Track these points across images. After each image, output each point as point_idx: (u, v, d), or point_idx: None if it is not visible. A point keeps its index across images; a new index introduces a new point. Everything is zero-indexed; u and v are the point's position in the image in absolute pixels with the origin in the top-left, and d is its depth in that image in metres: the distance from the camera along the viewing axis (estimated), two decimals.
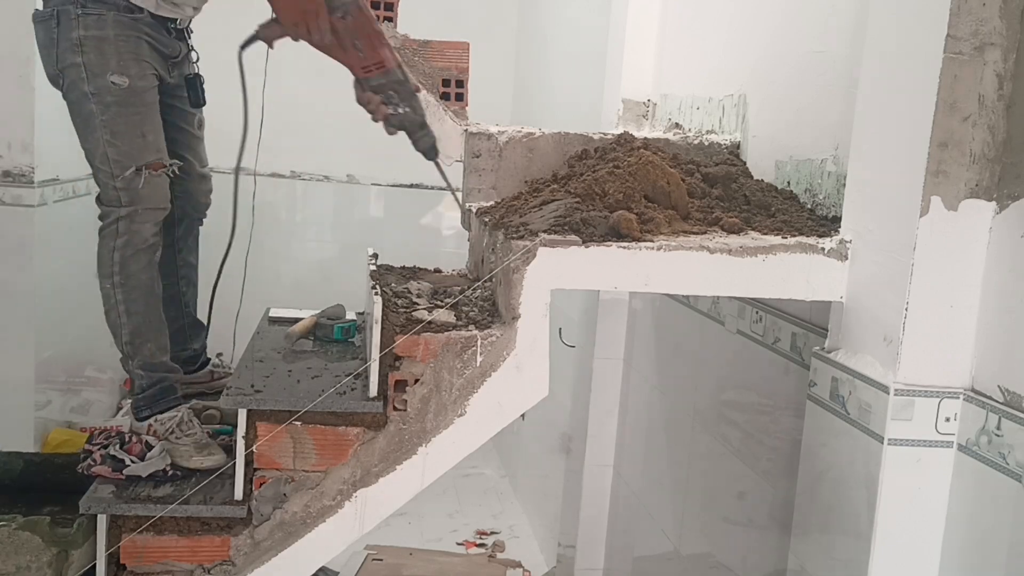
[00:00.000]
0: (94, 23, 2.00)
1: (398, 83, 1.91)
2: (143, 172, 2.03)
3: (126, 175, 2.02)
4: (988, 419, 1.60)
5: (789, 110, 2.31)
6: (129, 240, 2.05)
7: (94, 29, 2.00)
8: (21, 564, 1.90)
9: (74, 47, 2.00)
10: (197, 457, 2.02)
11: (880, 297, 1.74)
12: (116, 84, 2.01)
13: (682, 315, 2.87)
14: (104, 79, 2.01)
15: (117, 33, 2.01)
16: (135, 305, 2.08)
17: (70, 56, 2.01)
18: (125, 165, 2.03)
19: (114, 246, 2.06)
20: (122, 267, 2.06)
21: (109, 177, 2.04)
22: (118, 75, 2.01)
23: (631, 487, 3.28)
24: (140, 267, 2.07)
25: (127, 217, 2.05)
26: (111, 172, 2.03)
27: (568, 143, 2.40)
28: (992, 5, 1.61)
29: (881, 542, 1.67)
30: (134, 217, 2.05)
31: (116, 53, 2.01)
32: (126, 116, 2.03)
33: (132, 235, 2.05)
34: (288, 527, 1.91)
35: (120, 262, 2.06)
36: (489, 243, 2.09)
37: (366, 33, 1.88)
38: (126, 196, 2.04)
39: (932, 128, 1.63)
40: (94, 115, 2.02)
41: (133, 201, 2.04)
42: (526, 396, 1.89)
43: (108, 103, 2.02)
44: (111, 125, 2.02)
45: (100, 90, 2.01)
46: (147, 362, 2.10)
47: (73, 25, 2.00)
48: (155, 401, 2.10)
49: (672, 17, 3.16)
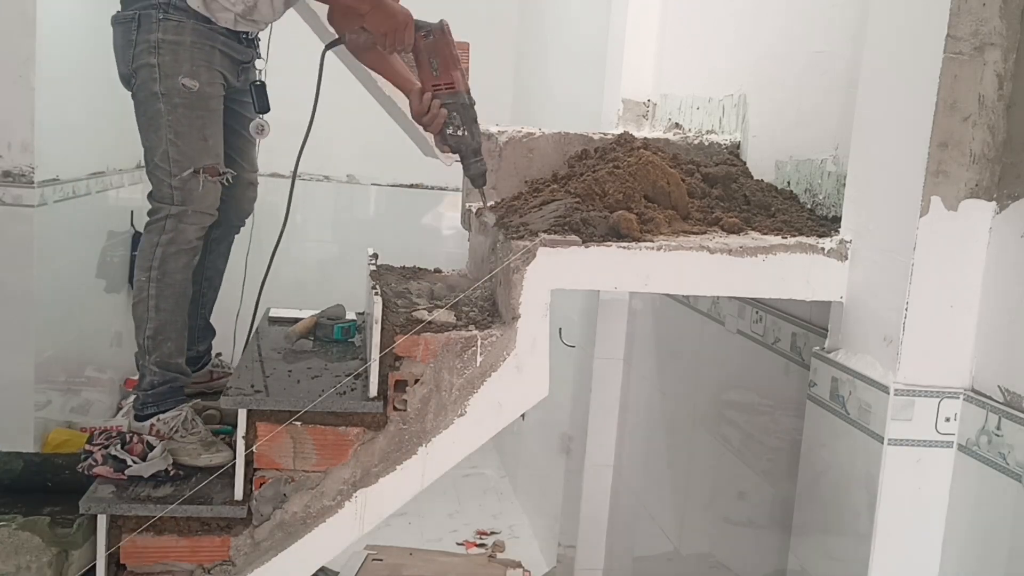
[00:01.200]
0: (173, 28, 2.08)
1: (463, 107, 2.02)
2: (200, 175, 2.11)
3: (183, 175, 2.10)
4: (988, 419, 1.60)
5: (789, 110, 2.31)
6: (173, 239, 2.12)
7: (172, 34, 2.08)
8: (21, 564, 1.90)
9: (151, 49, 2.08)
10: (205, 455, 2.03)
11: (880, 297, 1.74)
12: (186, 87, 2.09)
13: (682, 315, 2.87)
14: (175, 81, 2.09)
15: (193, 40, 2.10)
16: (165, 303, 2.13)
17: (145, 57, 2.09)
18: (184, 165, 2.10)
19: (158, 242, 2.12)
20: (161, 263, 2.12)
21: (166, 175, 2.11)
22: (189, 79, 2.09)
23: (631, 487, 3.28)
24: (178, 267, 2.14)
25: (176, 216, 2.12)
26: (169, 171, 2.11)
27: (568, 143, 2.40)
28: (992, 5, 1.61)
29: (881, 542, 1.67)
30: (182, 217, 2.12)
31: (190, 59, 2.09)
32: (191, 118, 2.11)
33: (177, 234, 2.12)
34: (288, 527, 1.91)
35: (161, 258, 2.12)
36: (489, 243, 2.09)
37: (444, 55, 2.01)
38: (179, 196, 2.11)
39: (932, 128, 1.63)
40: (161, 114, 2.10)
41: (185, 201, 2.12)
42: (526, 396, 1.89)
43: (176, 104, 2.09)
44: (176, 125, 2.10)
45: (170, 91, 2.09)
46: (163, 360, 2.14)
47: (153, 28, 2.08)
48: (162, 399, 2.11)
49: (672, 17, 3.16)
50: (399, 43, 2.02)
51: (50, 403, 4.13)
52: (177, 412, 2.09)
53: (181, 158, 2.10)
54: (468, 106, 2.03)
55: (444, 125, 2.04)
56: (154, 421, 2.08)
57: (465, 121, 2.03)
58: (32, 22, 3.65)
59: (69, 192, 4.17)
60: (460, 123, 2.02)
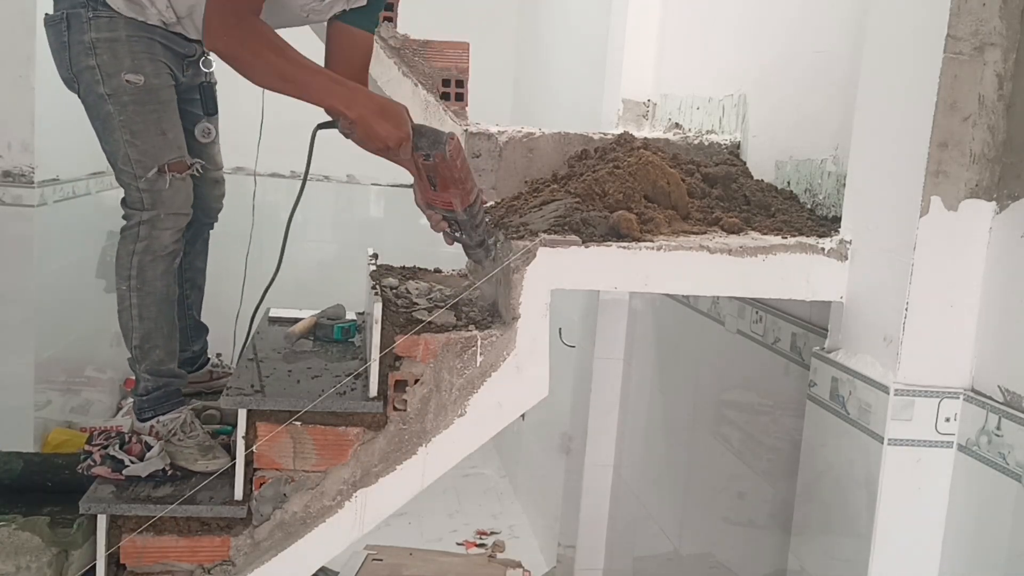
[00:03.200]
0: (106, 25, 1.98)
1: (461, 221, 1.93)
2: (167, 173, 2.03)
3: (149, 176, 2.01)
4: (988, 419, 1.60)
5: (789, 110, 2.31)
6: (149, 245, 2.05)
7: (106, 31, 1.98)
8: (21, 564, 1.90)
9: (87, 50, 1.99)
10: (202, 461, 2.02)
11: (880, 297, 1.74)
12: (131, 82, 1.99)
13: (682, 315, 2.87)
14: (119, 79, 1.99)
15: (129, 34, 2.00)
16: (148, 310, 2.08)
17: (83, 59, 2.00)
18: (147, 165, 2.02)
19: (133, 250, 2.05)
20: (139, 271, 2.05)
21: (132, 178, 2.03)
22: (132, 73, 1.99)
23: (631, 487, 3.28)
24: (157, 273, 2.07)
25: (149, 222, 2.04)
26: (134, 173, 2.02)
27: (568, 143, 2.40)
28: (992, 5, 1.61)
29: (881, 542, 1.67)
30: (155, 223, 2.04)
31: (129, 53, 1.99)
32: (144, 114, 2.02)
33: (152, 240, 2.05)
34: (288, 527, 1.91)
35: (138, 266, 2.05)
36: None
37: (443, 176, 1.88)
38: (149, 198, 2.03)
39: (932, 128, 1.63)
40: (112, 116, 2.01)
41: (156, 204, 2.04)
42: (526, 396, 1.89)
43: (125, 102, 2.00)
44: (130, 124, 2.01)
45: (116, 90, 2.00)
46: (154, 367, 2.10)
47: (84, 28, 1.98)
48: (159, 403, 2.10)
49: (672, 17, 3.16)
50: (394, 159, 1.92)
51: (50, 403, 4.13)
52: (176, 415, 2.08)
53: (143, 157, 2.01)
54: (467, 220, 1.92)
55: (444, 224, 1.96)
56: (154, 423, 2.08)
57: (463, 229, 1.94)
58: (32, 22, 3.64)
59: (69, 192, 4.17)
60: (457, 229, 1.95)
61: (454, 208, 1.90)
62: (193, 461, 2.02)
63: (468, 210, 1.90)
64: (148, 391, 2.10)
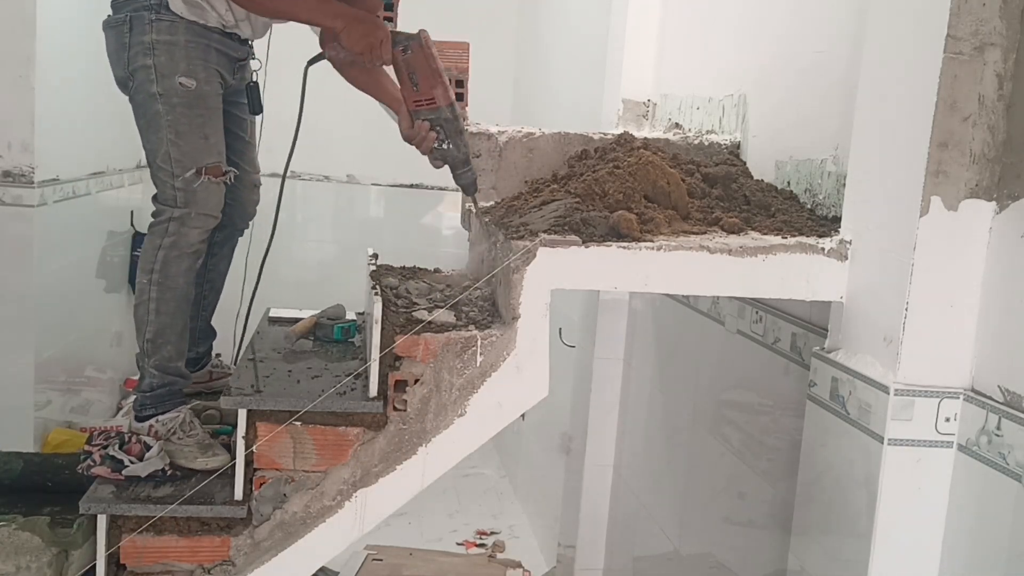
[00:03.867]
0: (167, 28, 2.06)
1: (446, 120, 2.02)
2: (203, 175, 2.09)
3: (186, 176, 2.08)
4: (988, 419, 1.60)
5: (789, 110, 2.31)
6: (176, 242, 2.10)
7: (166, 34, 2.06)
8: (21, 564, 1.90)
9: (146, 50, 2.07)
10: (201, 459, 2.03)
11: (880, 297, 1.74)
12: (184, 86, 2.07)
13: (682, 315, 2.87)
14: (172, 80, 2.07)
15: (188, 39, 2.08)
16: (166, 306, 2.11)
17: (141, 59, 2.07)
18: (186, 165, 2.08)
19: (160, 244, 2.10)
20: (163, 266, 2.10)
21: (169, 176, 2.09)
22: (186, 77, 2.07)
23: (631, 487, 3.28)
24: (180, 270, 2.12)
25: (179, 219, 2.09)
26: (171, 171, 2.09)
27: (568, 143, 2.40)
28: (992, 5, 1.61)
29: (881, 542, 1.67)
30: (185, 220, 2.10)
31: (185, 57, 2.08)
32: (190, 117, 2.09)
33: (179, 237, 2.10)
34: (288, 527, 1.91)
35: (163, 261, 2.10)
36: (489, 243, 2.09)
37: (423, 70, 1.99)
38: (182, 197, 2.09)
39: (932, 128, 1.63)
40: (160, 115, 2.08)
41: (188, 203, 2.09)
42: (526, 396, 1.89)
43: (174, 103, 2.08)
44: (176, 125, 2.08)
45: (168, 91, 2.07)
46: (163, 363, 2.12)
47: (146, 29, 2.06)
48: (161, 401, 2.11)
49: (672, 17, 3.16)
50: (377, 59, 2.01)
51: (50, 403, 4.13)
52: (175, 414, 2.08)
53: (183, 158, 2.08)
54: (451, 119, 2.01)
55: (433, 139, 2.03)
56: (153, 422, 2.08)
57: (449, 134, 2.02)
58: (32, 22, 3.65)
59: (69, 192, 4.17)
60: (444, 136, 2.01)
61: (438, 103, 2.00)
62: (193, 459, 2.03)
63: (451, 108, 2.00)
64: (152, 387, 2.11)
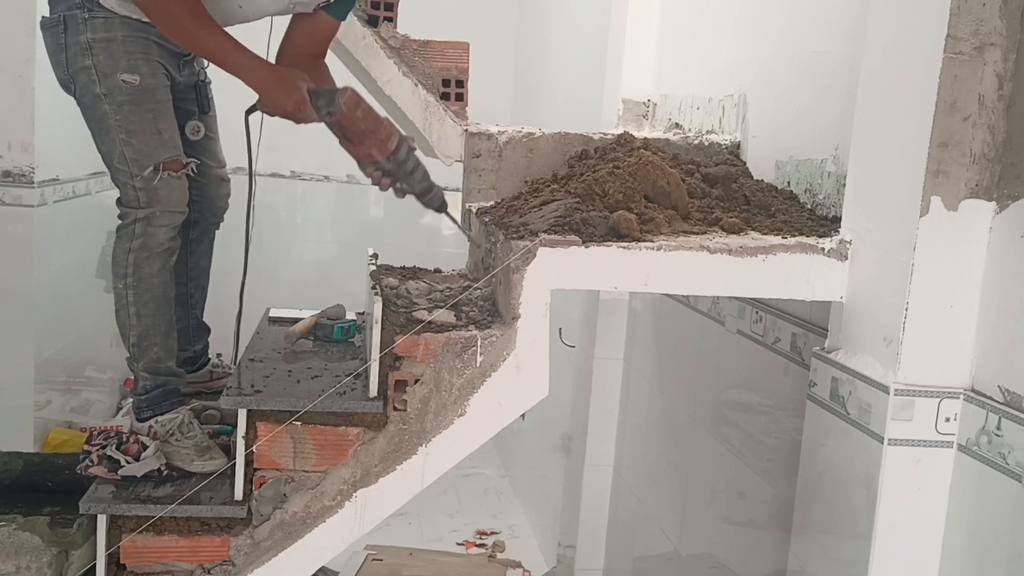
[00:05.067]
0: (101, 26, 2.00)
1: (391, 170, 2.01)
2: (162, 171, 2.04)
3: (145, 174, 2.03)
4: (988, 419, 1.60)
5: (789, 110, 2.31)
6: (145, 243, 2.06)
7: (102, 31, 2.01)
8: (21, 564, 1.90)
9: (83, 51, 2.01)
10: (198, 461, 2.02)
11: (880, 297, 1.74)
12: (127, 82, 2.01)
13: (682, 315, 2.87)
14: (115, 79, 2.01)
15: (125, 34, 2.02)
16: (145, 308, 2.09)
17: (80, 60, 2.02)
18: (143, 164, 2.03)
19: (129, 247, 2.06)
20: (136, 269, 2.06)
21: (128, 177, 2.05)
22: (128, 73, 2.02)
23: (631, 487, 3.28)
24: (154, 271, 2.08)
25: (144, 219, 2.05)
26: (130, 172, 2.04)
27: (568, 143, 2.40)
28: (992, 5, 1.61)
29: (881, 542, 1.67)
30: (151, 220, 2.06)
31: (125, 53, 2.02)
32: (140, 114, 2.03)
33: (148, 238, 2.06)
34: (288, 527, 1.91)
35: (134, 264, 2.06)
36: (489, 243, 2.09)
37: (354, 130, 1.97)
38: (145, 197, 2.05)
39: (932, 128, 1.63)
40: (108, 115, 2.03)
41: (152, 202, 2.05)
42: (526, 396, 1.89)
43: (121, 102, 2.02)
44: (126, 124, 2.03)
45: (112, 90, 2.02)
46: (152, 365, 2.11)
47: (81, 29, 2.00)
48: (157, 403, 2.10)
49: (672, 17, 3.16)
50: (301, 121, 1.99)
51: (50, 403, 4.13)
52: (174, 415, 2.08)
53: (138, 156, 2.03)
54: (396, 167, 2.00)
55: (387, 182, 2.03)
56: (152, 423, 2.08)
57: (399, 178, 2.01)
58: (32, 22, 3.64)
59: (69, 192, 4.17)
60: (394, 180, 2.01)
61: (376, 158, 1.99)
62: (189, 462, 2.03)
63: (392, 158, 1.99)
64: (147, 390, 2.10)
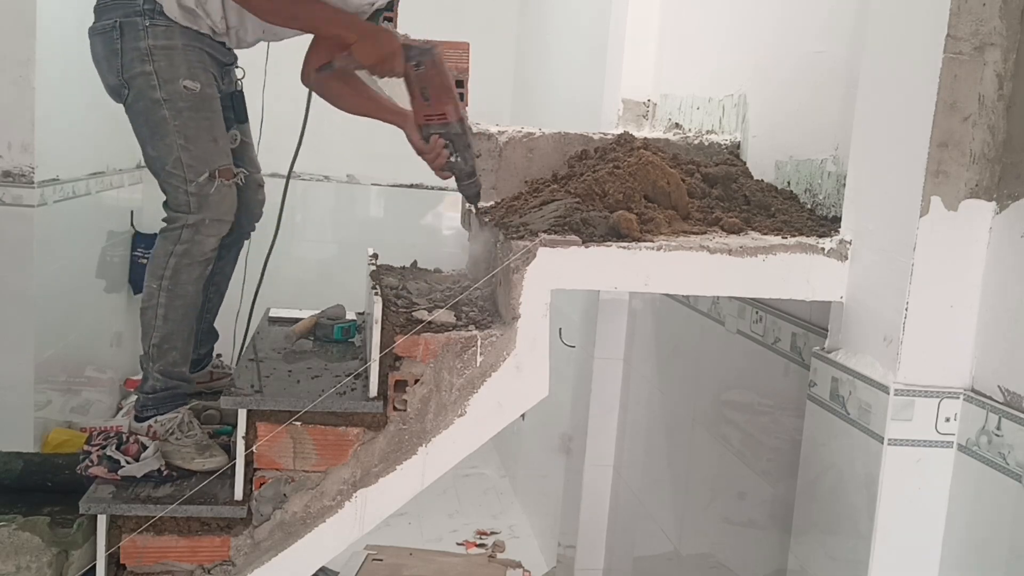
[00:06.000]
0: (163, 33, 2.03)
1: (456, 135, 2.03)
2: (216, 178, 2.06)
3: (200, 180, 2.05)
4: (988, 419, 1.60)
5: (789, 110, 2.31)
6: (188, 249, 2.07)
7: (163, 39, 2.03)
8: (21, 564, 1.90)
9: (143, 56, 2.03)
10: (199, 459, 2.02)
11: (880, 297, 1.74)
12: (189, 88, 2.04)
13: (682, 315, 2.87)
14: (176, 84, 2.03)
15: (185, 44, 2.05)
16: (174, 313, 2.09)
17: (138, 65, 2.04)
18: (199, 170, 2.05)
19: (172, 251, 2.07)
20: (175, 274, 2.07)
21: (182, 182, 2.06)
22: (190, 80, 2.04)
23: (631, 487, 3.28)
24: (191, 278, 2.09)
25: (193, 226, 2.06)
26: (184, 177, 2.05)
27: (568, 143, 2.40)
28: (992, 5, 1.61)
29: (881, 542, 1.67)
30: (200, 227, 2.07)
31: (186, 61, 2.05)
32: (198, 120, 2.06)
33: (193, 245, 2.07)
34: (288, 527, 1.91)
35: (174, 268, 2.07)
36: (489, 243, 2.09)
37: (435, 86, 1.99)
38: (196, 203, 2.06)
39: (932, 128, 1.63)
40: (166, 121, 2.04)
41: (202, 208, 2.06)
42: (526, 396, 1.89)
43: (180, 108, 2.04)
44: (184, 130, 2.04)
45: (172, 96, 2.04)
46: (167, 368, 2.11)
47: (141, 35, 2.03)
48: (162, 403, 2.10)
49: (672, 17, 3.16)
50: (388, 72, 2.01)
51: (50, 403, 4.13)
52: (174, 414, 2.08)
53: (195, 163, 2.05)
54: (461, 134, 2.02)
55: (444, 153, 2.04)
56: (151, 423, 2.08)
57: (458, 148, 2.03)
58: (32, 22, 3.65)
59: (69, 192, 4.17)
60: (454, 150, 2.03)
61: (449, 119, 2.01)
62: (190, 460, 2.03)
63: (461, 123, 2.02)
64: (155, 390, 2.11)
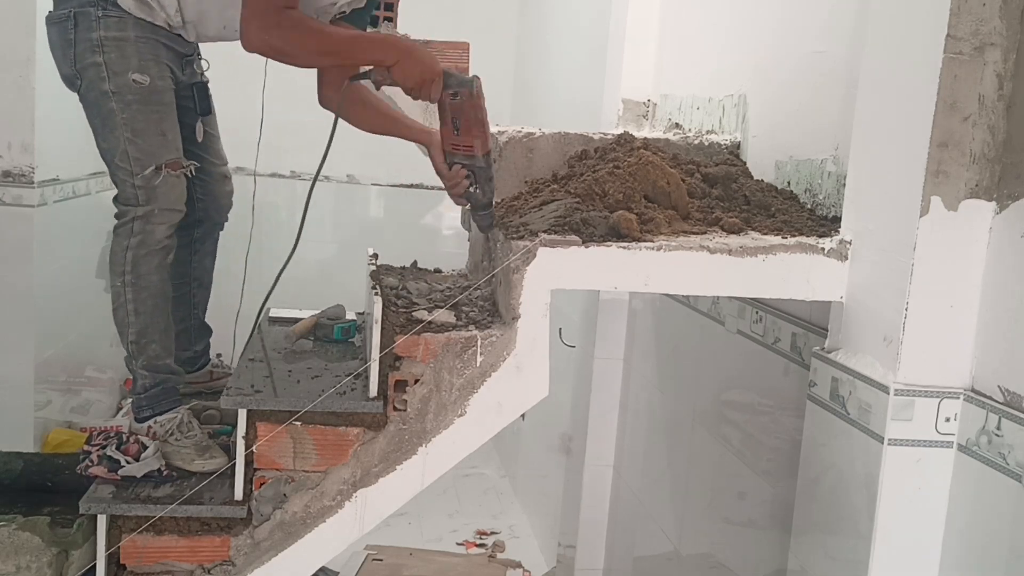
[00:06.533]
0: (115, 24, 2.02)
1: (479, 168, 2.01)
2: (163, 171, 2.05)
3: (145, 173, 2.04)
4: (988, 419, 1.60)
5: (789, 110, 2.31)
6: (143, 240, 2.07)
7: (115, 30, 2.02)
8: (21, 564, 1.90)
9: (94, 47, 2.02)
10: (199, 460, 2.02)
11: (880, 297, 1.74)
12: (137, 82, 2.03)
13: (682, 315, 2.87)
14: (125, 77, 2.03)
15: (138, 35, 2.03)
16: (143, 305, 2.10)
17: (89, 56, 2.03)
18: (145, 163, 2.05)
19: (127, 245, 2.07)
20: (134, 267, 2.07)
21: (128, 175, 2.06)
22: (139, 73, 2.03)
23: (631, 487, 3.28)
24: (151, 268, 2.09)
25: (143, 217, 2.06)
26: (131, 170, 2.05)
27: (568, 143, 2.39)
28: (992, 5, 1.61)
29: (881, 542, 1.67)
30: (149, 218, 2.07)
31: (137, 53, 2.03)
32: (146, 114, 2.05)
33: (146, 235, 2.07)
34: (288, 527, 1.91)
35: (132, 261, 2.07)
36: (489, 243, 2.09)
37: (467, 118, 1.97)
38: (143, 195, 2.06)
39: (932, 128, 1.63)
40: (114, 113, 2.04)
41: (150, 200, 2.06)
42: (526, 396, 1.89)
43: (129, 101, 2.04)
44: (132, 123, 2.04)
45: (121, 88, 2.03)
46: (151, 363, 2.11)
47: (93, 26, 2.02)
48: (156, 401, 2.10)
49: (672, 17, 3.16)
50: (424, 96, 1.98)
51: (50, 403, 4.13)
52: (174, 415, 2.08)
53: (141, 156, 2.04)
54: (484, 168, 2.00)
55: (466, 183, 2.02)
56: (151, 423, 2.08)
57: (479, 180, 2.01)
58: (32, 22, 3.65)
59: (69, 192, 4.17)
60: (474, 182, 2.01)
61: (474, 152, 1.98)
62: (190, 461, 2.03)
63: (486, 157, 1.99)
64: (146, 388, 2.11)
